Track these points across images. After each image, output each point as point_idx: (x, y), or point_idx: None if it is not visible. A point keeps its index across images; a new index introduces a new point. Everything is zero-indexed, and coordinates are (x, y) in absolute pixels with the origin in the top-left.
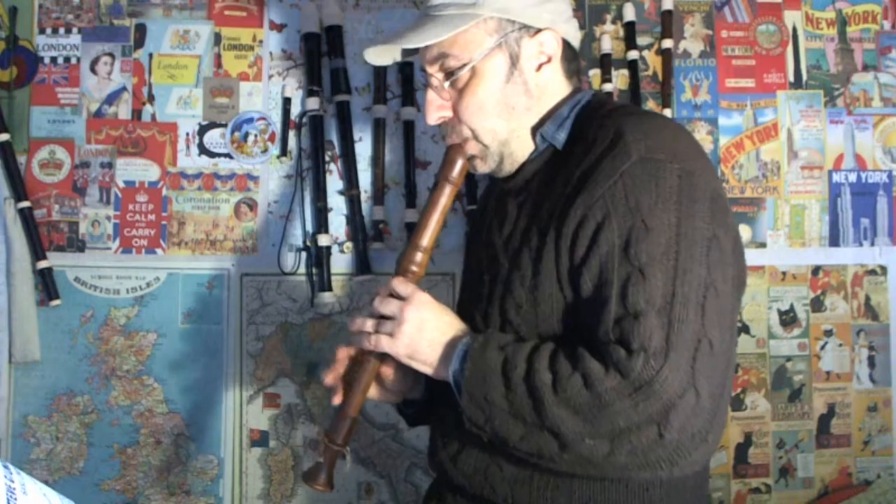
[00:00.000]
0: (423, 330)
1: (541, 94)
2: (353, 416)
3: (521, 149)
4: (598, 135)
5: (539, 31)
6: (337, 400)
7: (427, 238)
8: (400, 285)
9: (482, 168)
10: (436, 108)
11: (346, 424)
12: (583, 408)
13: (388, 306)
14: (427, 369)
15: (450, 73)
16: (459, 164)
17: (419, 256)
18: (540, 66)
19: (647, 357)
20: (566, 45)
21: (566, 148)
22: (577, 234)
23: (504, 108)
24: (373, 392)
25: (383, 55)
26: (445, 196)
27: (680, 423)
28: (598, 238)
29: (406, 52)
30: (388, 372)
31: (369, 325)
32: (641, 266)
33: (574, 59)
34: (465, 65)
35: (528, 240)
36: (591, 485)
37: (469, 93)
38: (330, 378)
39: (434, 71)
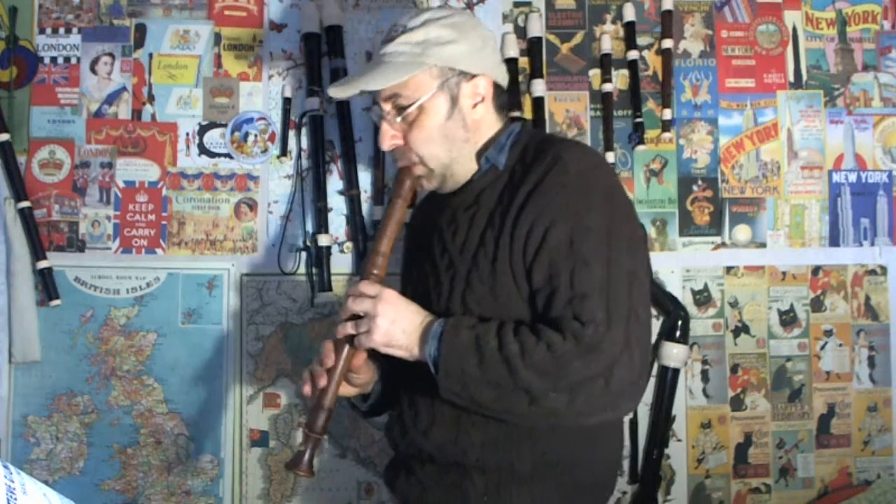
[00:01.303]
0: (396, 321)
1: (476, 127)
2: (329, 407)
3: (462, 171)
4: (537, 157)
5: (474, 76)
6: (307, 390)
7: (385, 244)
8: (368, 287)
9: (428, 185)
10: (389, 138)
11: (323, 415)
12: (547, 368)
13: (362, 305)
14: (404, 353)
15: (401, 109)
16: (408, 184)
17: (380, 261)
18: (475, 105)
19: (596, 326)
20: (496, 86)
21: (508, 168)
22: (528, 235)
23: (446, 139)
24: (340, 389)
25: (344, 92)
26: (399, 209)
27: (621, 375)
28: (547, 237)
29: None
30: (358, 364)
31: (349, 326)
32: (584, 258)
33: (503, 96)
34: (413, 103)
35: (483, 244)
36: (546, 439)
37: (417, 126)
38: (307, 390)
39: (388, 107)
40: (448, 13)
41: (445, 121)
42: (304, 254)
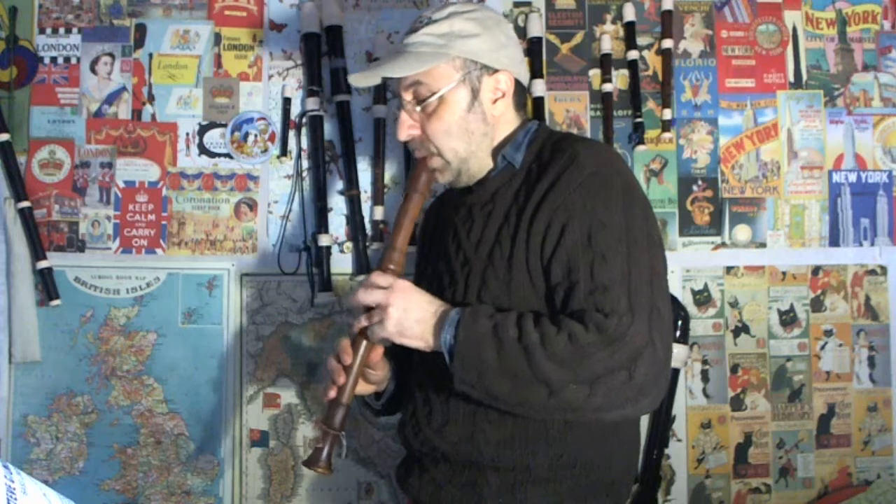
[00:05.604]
0: (409, 310)
1: (496, 122)
2: (346, 404)
3: (478, 167)
4: (553, 156)
5: (496, 71)
6: (332, 394)
7: (401, 240)
8: (380, 278)
9: (442, 180)
10: (407, 128)
11: (341, 411)
12: (568, 359)
13: (373, 296)
14: (418, 343)
15: (421, 100)
16: (424, 177)
17: (396, 256)
18: (495, 101)
19: (620, 317)
20: (517, 83)
21: (524, 166)
22: (546, 233)
23: (465, 132)
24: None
25: (366, 80)
26: (415, 204)
27: (644, 368)
28: (564, 234)
29: (385, 77)
30: (376, 359)
31: (363, 319)
32: (603, 252)
33: (522, 95)
34: (434, 94)
35: (499, 241)
36: (563, 439)
37: (436, 117)
38: (332, 391)
39: (408, 96)
40: (473, 8)
41: (466, 113)
42: (304, 254)
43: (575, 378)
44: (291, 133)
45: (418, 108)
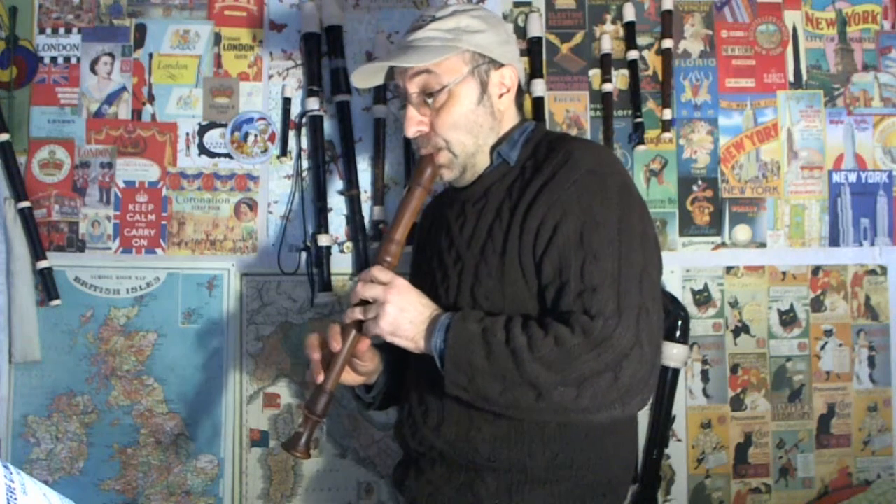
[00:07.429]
0: (405, 310)
1: (501, 117)
2: (330, 391)
3: (482, 162)
4: (548, 154)
5: (502, 66)
6: (319, 379)
7: (400, 233)
8: (380, 273)
9: (447, 176)
10: (415, 123)
11: (324, 398)
12: (555, 362)
13: (372, 291)
14: (409, 344)
15: (430, 94)
16: (429, 172)
17: (393, 248)
18: (501, 95)
19: (606, 319)
20: (518, 81)
21: (519, 163)
22: (539, 230)
23: (474, 125)
24: (344, 376)
25: (368, 79)
26: (417, 198)
27: (631, 369)
28: (557, 232)
29: (387, 77)
30: (363, 349)
31: (357, 311)
32: (594, 251)
33: (521, 94)
34: (444, 87)
35: (491, 237)
36: (559, 439)
37: (445, 111)
38: (319, 376)
39: (416, 91)
40: (474, 7)
41: (475, 106)
42: (304, 254)
43: (562, 380)
44: (291, 133)
45: (427, 102)
